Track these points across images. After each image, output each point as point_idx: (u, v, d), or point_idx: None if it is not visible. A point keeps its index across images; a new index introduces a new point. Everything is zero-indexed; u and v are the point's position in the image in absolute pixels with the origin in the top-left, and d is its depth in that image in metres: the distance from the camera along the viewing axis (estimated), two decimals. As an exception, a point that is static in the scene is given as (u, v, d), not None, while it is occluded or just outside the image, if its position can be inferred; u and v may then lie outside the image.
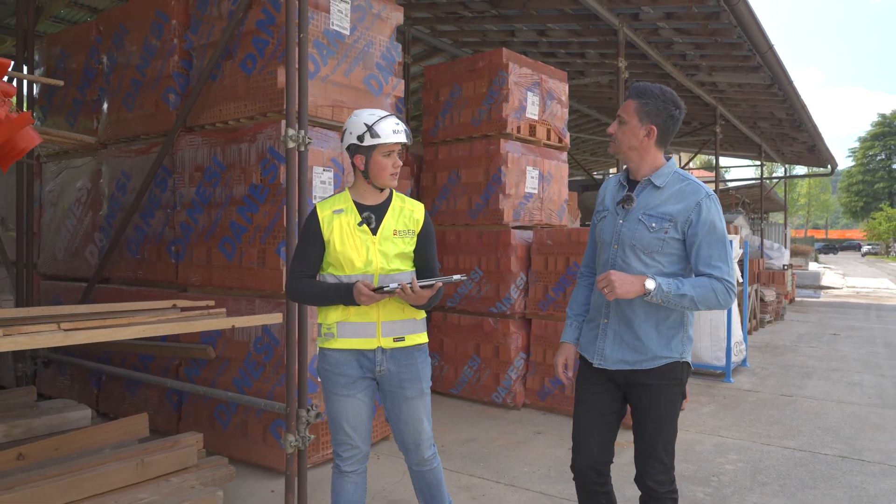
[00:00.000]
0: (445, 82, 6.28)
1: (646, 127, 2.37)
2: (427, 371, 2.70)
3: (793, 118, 12.22)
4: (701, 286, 2.27)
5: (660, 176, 2.39)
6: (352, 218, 2.58)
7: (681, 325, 2.43)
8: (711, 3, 6.61)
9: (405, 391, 2.61)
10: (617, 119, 2.44)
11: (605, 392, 2.50)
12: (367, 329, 2.57)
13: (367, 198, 2.63)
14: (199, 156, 4.46)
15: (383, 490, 3.89)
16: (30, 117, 2.37)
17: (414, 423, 2.64)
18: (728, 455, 4.64)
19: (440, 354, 6.26)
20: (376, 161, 2.54)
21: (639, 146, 2.39)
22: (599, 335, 2.48)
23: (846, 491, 3.98)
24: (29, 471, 3.06)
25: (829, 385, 6.96)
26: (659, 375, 2.39)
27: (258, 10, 4.08)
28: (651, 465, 2.41)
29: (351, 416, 2.62)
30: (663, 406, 2.40)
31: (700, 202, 2.32)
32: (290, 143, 3.46)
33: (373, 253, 2.55)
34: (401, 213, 2.65)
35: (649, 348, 2.38)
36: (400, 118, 2.66)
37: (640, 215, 2.37)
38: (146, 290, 4.93)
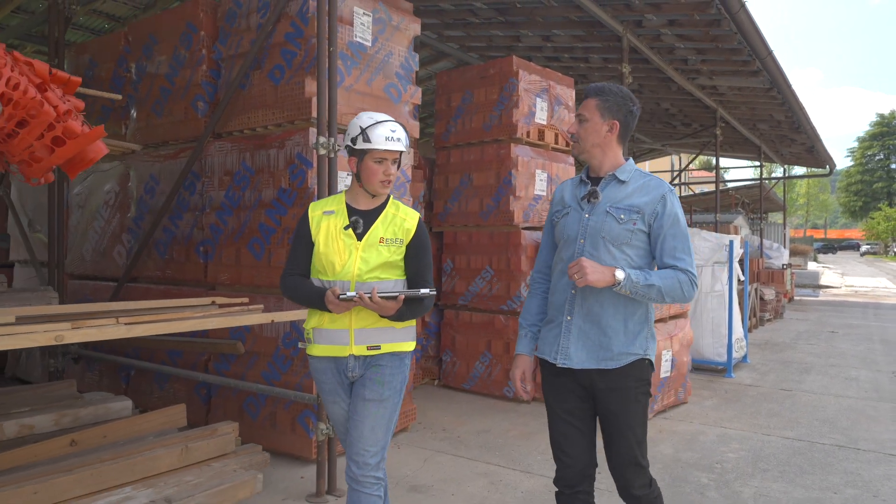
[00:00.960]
0: (457, 88, 6.52)
1: (608, 122, 2.40)
2: (396, 380, 2.56)
3: (791, 120, 12.46)
4: (667, 277, 2.29)
5: (624, 171, 2.43)
6: (340, 221, 2.54)
7: (645, 321, 2.42)
8: (713, 12, 6.84)
9: (364, 391, 2.52)
10: (577, 118, 2.47)
11: (571, 393, 2.44)
12: (340, 336, 2.51)
13: (360, 202, 2.58)
14: (228, 161, 4.70)
15: (406, 476, 4.12)
16: (102, 131, 2.61)
17: (362, 429, 2.49)
18: (730, 444, 4.87)
19: (452, 351, 6.50)
20: (367, 166, 2.49)
21: (602, 142, 2.42)
22: (562, 333, 2.42)
23: (842, 476, 4.22)
24: (82, 455, 3.29)
25: (826, 380, 7.20)
26: (626, 376, 2.36)
27: (287, 23, 4.32)
28: (633, 471, 2.37)
29: (339, 423, 2.61)
30: (633, 409, 2.37)
31: (665, 195, 2.37)
32: (322, 150, 3.71)
33: (354, 258, 2.48)
34: (392, 220, 2.57)
35: (615, 345, 2.35)
36: (401, 124, 2.57)
37: (608, 208, 2.37)
38: (174, 289, 5.16)
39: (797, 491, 3.96)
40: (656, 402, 5.60)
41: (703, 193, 21.97)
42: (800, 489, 3.99)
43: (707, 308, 7.52)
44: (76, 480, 2.97)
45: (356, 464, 2.49)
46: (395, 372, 2.56)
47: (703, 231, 7.70)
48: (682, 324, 6.17)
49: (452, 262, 6.57)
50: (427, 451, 4.60)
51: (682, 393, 6.06)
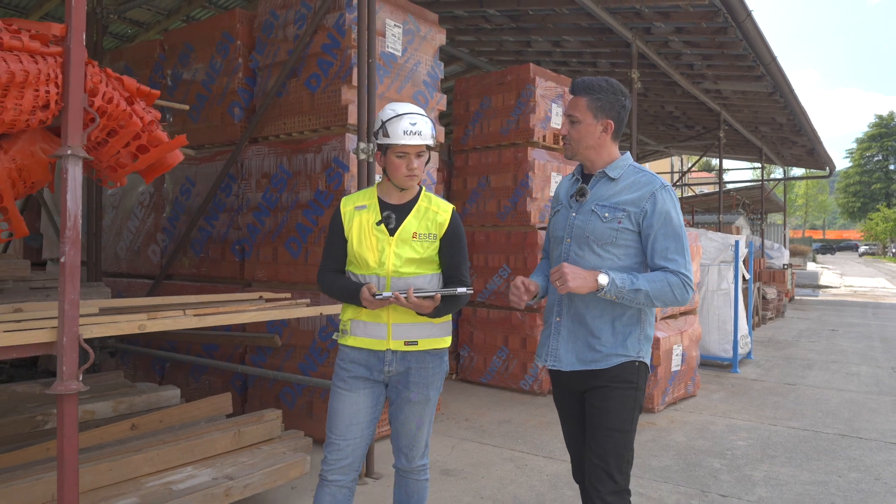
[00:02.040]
0: (475, 94, 6.79)
1: (602, 122, 2.29)
2: (438, 378, 2.58)
3: (793, 123, 12.74)
4: (656, 281, 2.17)
5: (615, 168, 2.31)
6: (372, 216, 2.50)
7: (637, 322, 2.31)
8: (720, 20, 7.11)
9: (410, 393, 2.51)
10: (567, 119, 2.34)
11: (571, 399, 2.40)
12: (377, 330, 2.49)
13: (391, 196, 2.54)
14: (265, 164, 4.96)
15: (436, 462, 4.38)
16: (184, 139, 2.87)
17: (410, 427, 2.55)
18: (739, 433, 5.14)
19: (470, 346, 6.76)
20: (390, 161, 2.45)
21: (596, 143, 2.31)
22: (552, 334, 2.37)
23: (846, 462, 4.49)
24: (143, 438, 3.55)
25: (828, 375, 7.47)
26: (611, 377, 2.26)
27: (324, 35, 4.58)
28: (601, 480, 2.21)
29: (346, 414, 2.51)
30: (615, 412, 2.23)
31: (655, 192, 2.23)
32: (362, 155, 3.97)
33: (387, 255, 2.45)
34: (425, 214, 2.52)
35: (604, 346, 2.26)
36: (425, 115, 2.51)
37: (593, 206, 2.28)
38: (209, 285, 5.42)
39: (804, 475, 4.23)
40: (667, 395, 5.87)
41: (705, 194, 22.24)
42: (806, 473, 4.26)
43: (714, 306, 7.79)
44: (145, 459, 3.23)
45: (406, 458, 2.58)
46: (436, 372, 2.57)
47: (709, 232, 7.97)
48: (692, 320, 6.44)
49: (470, 260, 6.83)
50: (453, 440, 4.86)
51: (692, 386, 6.33)
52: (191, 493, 3.07)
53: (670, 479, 4.12)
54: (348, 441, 2.50)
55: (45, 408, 3.72)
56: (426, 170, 5.15)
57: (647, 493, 3.87)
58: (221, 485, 3.16)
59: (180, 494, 3.05)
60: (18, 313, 2.82)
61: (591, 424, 2.28)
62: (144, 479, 3.19)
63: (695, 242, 6.61)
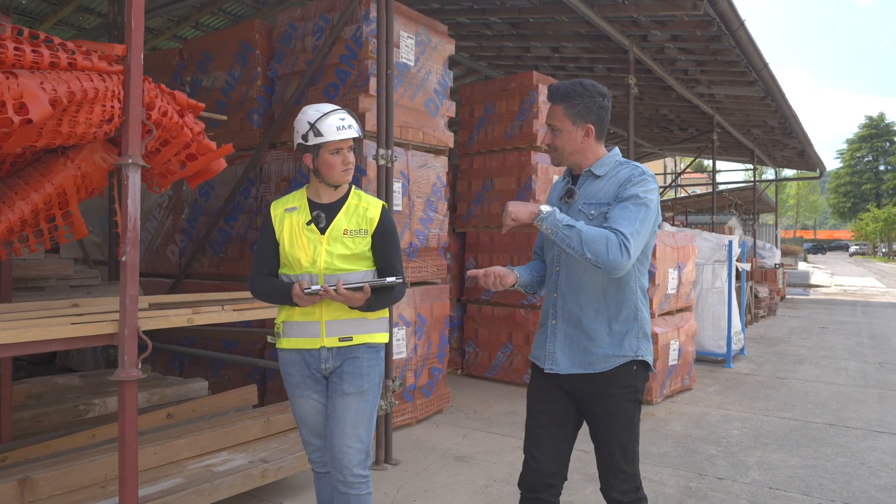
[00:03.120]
0: (479, 100, 7.06)
1: (582, 128, 2.29)
2: (373, 372, 2.54)
3: (784, 126, 13.07)
4: (595, 230, 2.13)
5: (601, 165, 2.33)
6: (302, 216, 2.52)
7: (634, 320, 2.30)
8: (714, 29, 7.40)
9: (343, 385, 2.48)
10: (548, 129, 2.36)
11: (557, 401, 2.36)
12: (310, 328, 2.50)
13: (321, 196, 2.56)
14: (284, 168, 5.21)
15: (450, 449, 4.65)
16: (230, 148, 3.12)
17: (343, 425, 2.45)
18: (733, 423, 5.43)
19: (475, 342, 7.03)
20: (324, 160, 2.47)
21: (580, 148, 2.32)
22: (549, 338, 2.36)
23: (833, 448, 4.79)
24: (179, 426, 3.80)
25: (818, 370, 7.78)
26: (610, 382, 2.26)
27: (342, 46, 4.84)
28: (613, 475, 2.30)
29: (307, 417, 2.56)
30: (617, 417, 2.27)
31: (629, 179, 2.24)
32: (381, 161, 4.23)
33: (319, 252, 2.47)
34: (355, 211, 2.55)
35: (600, 348, 2.26)
36: (348, 111, 2.54)
37: (581, 206, 2.31)
38: (228, 284, 5.66)
39: (794, 460, 4.52)
40: (665, 388, 6.16)
41: (697, 195, 22.59)
42: (797, 458, 4.55)
43: (708, 303, 8.09)
44: (186, 444, 3.48)
45: (340, 463, 2.46)
46: (371, 364, 2.54)
47: (703, 232, 8.27)
48: (688, 316, 6.73)
49: (475, 260, 7.10)
50: (464, 429, 5.13)
51: (688, 380, 6.62)
52: (230, 474, 3.33)
53: (670, 464, 4.40)
54: (323, 439, 2.55)
55: (85, 398, 3.97)
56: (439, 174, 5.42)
57: (650, 476, 4.15)
58: (258, 467, 3.42)
59: (221, 476, 3.30)
60: (76, 308, 3.06)
61: (595, 430, 2.32)
62: (185, 462, 3.45)
63: (690, 243, 6.89)
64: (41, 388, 3.96)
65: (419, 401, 5.25)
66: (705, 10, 6.84)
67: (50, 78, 2.34)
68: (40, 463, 3.07)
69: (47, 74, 2.34)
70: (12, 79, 2.21)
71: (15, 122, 2.20)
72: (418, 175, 5.19)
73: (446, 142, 5.50)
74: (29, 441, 3.39)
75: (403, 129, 5.02)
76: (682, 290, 6.66)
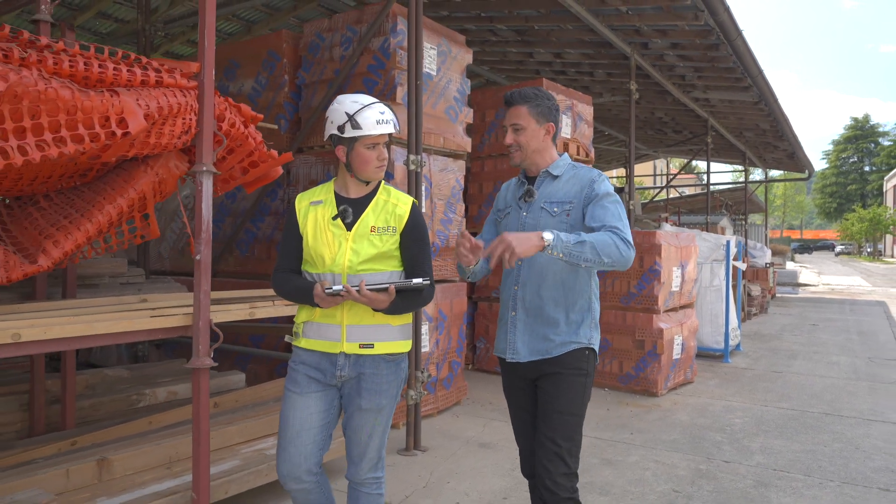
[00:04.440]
0: (491, 105, 7.35)
1: (544, 126, 2.47)
2: (393, 386, 2.45)
3: (776, 129, 13.48)
4: (599, 237, 2.20)
5: (557, 167, 2.49)
6: (328, 211, 2.41)
7: (588, 310, 2.44)
8: (713, 38, 7.74)
9: (361, 400, 2.40)
10: (511, 128, 2.48)
11: (524, 389, 2.50)
12: (331, 331, 2.39)
13: (349, 190, 2.45)
14: (312, 171, 5.47)
15: (472, 437, 4.93)
16: (290, 156, 3.38)
17: (362, 436, 2.43)
18: (735, 413, 5.76)
19: (486, 338, 7.32)
20: (359, 153, 2.35)
21: (541, 146, 2.48)
22: (509, 329, 2.46)
23: (830, 435, 5.12)
24: (225, 414, 4.05)
25: (811, 364, 8.13)
26: (562, 363, 2.37)
27: (369, 56, 5.11)
28: (550, 460, 2.30)
29: (298, 416, 2.40)
30: (566, 395, 2.35)
31: (593, 179, 2.40)
32: (412, 166, 4.51)
33: (343, 250, 2.35)
34: (384, 207, 2.43)
35: (559, 335, 2.38)
36: (387, 105, 2.44)
37: (543, 203, 2.43)
38: (255, 282, 5.90)
39: (794, 445, 4.85)
40: (669, 381, 6.48)
41: (689, 196, 23.02)
42: (796, 444, 4.88)
43: (706, 301, 8.43)
44: (238, 430, 3.74)
45: (356, 468, 2.47)
46: (391, 380, 2.43)
47: (702, 232, 8.61)
48: (690, 313, 7.06)
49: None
50: (483, 419, 5.41)
51: (690, 373, 6.94)
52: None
53: (680, 449, 4.72)
54: (298, 448, 2.38)
55: (136, 389, 4.21)
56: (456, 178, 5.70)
57: (662, 460, 4.46)
58: (307, 450, 3.69)
59: (272, 458, 3.57)
60: (145, 303, 3.32)
61: (543, 409, 2.39)
62: (238, 446, 3.71)
63: (692, 243, 7.22)
64: (94, 380, 4.20)
65: (440, 392, 5.54)
66: (706, 21, 7.17)
67: (143, 94, 2.60)
68: (110, 446, 3.33)
69: (140, 91, 2.60)
70: (115, 96, 2.47)
71: (118, 135, 2.46)
72: (439, 178, 5.48)
73: (465, 147, 5.79)
74: (91, 427, 3.63)
75: (426, 135, 5.29)
76: (685, 288, 6.99)
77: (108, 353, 7.25)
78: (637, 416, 5.61)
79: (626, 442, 4.88)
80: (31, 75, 2.20)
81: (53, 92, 2.26)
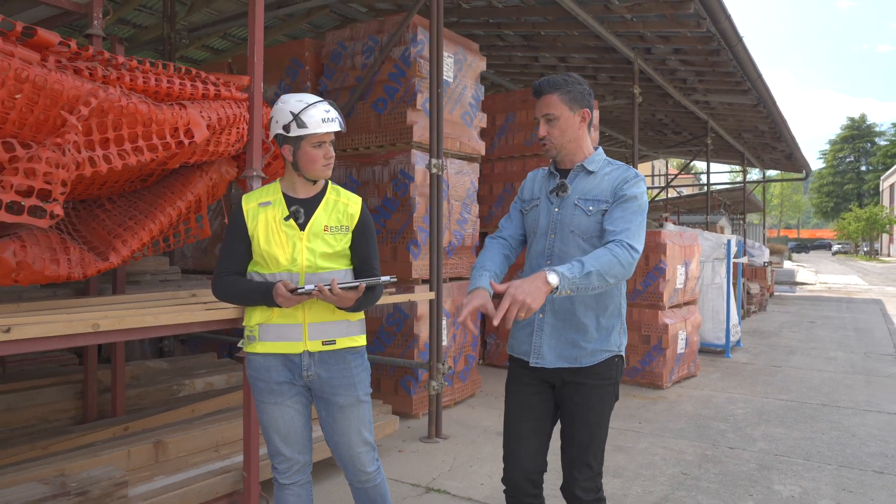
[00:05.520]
0: (500, 109, 7.62)
1: (579, 113, 2.30)
2: (364, 377, 2.47)
3: (774, 131, 13.78)
4: (601, 257, 2.08)
5: (592, 161, 2.34)
6: (279, 212, 2.37)
7: (618, 315, 2.34)
8: (715, 44, 8.01)
9: (338, 398, 2.38)
10: (543, 120, 2.33)
11: (539, 394, 2.35)
12: (292, 332, 2.36)
13: (297, 190, 2.41)
14: (336, 174, 5.73)
15: (489, 427, 5.20)
16: (330, 162, 3.66)
17: (349, 435, 2.40)
18: (737, 404, 6.04)
19: (496, 334, 7.59)
20: (305, 152, 2.32)
21: (578, 135, 2.33)
22: (535, 331, 2.31)
23: (828, 423, 5.40)
24: (262, 403, 4.31)
25: (809, 359, 8.42)
26: (595, 374, 2.27)
27: (390, 65, 5.37)
28: (579, 470, 2.27)
29: (281, 425, 2.41)
30: (596, 407, 2.27)
31: (626, 178, 2.28)
32: (434, 170, 4.77)
33: (299, 250, 2.34)
34: (335, 206, 2.43)
35: (590, 342, 2.26)
36: (332, 104, 2.39)
37: (577, 200, 2.29)
38: (278, 280, 6.18)
39: (794, 433, 5.12)
40: (673, 374, 6.75)
41: (688, 196, 23.32)
42: (796, 432, 5.16)
43: (708, 298, 8.71)
44: (276, 417, 4.00)
45: (354, 470, 2.45)
46: (360, 370, 2.46)
47: (705, 232, 8.89)
48: (693, 309, 7.34)
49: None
50: (497, 411, 5.68)
51: (693, 367, 7.22)
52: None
53: (686, 436, 4.99)
54: (293, 446, 2.43)
55: (176, 380, 4.47)
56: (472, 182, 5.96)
57: (670, 446, 4.73)
58: (341, 435, 3.95)
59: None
60: (195, 297, 3.57)
61: (571, 421, 2.29)
62: (277, 432, 3.97)
63: (695, 242, 7.50)
64: (138, 371, 4.46)
65: (457, 385, 5.80)
66: (708, 28, 7.44)
67: (205, 107, 2.86)
68: (160, 431, 3.59)
69: (202, 104, 2.87)
70: (182, 109, 2.73)
71: (185, 144, 2.73)
72: (455, 180, 5.74)
73: (479, 150, 6.06)
74: (140, 415, 3.89)
75: (444, 140, 5.55)
76: (689, 285, 7.27)
77: (133, 347, 7.51)
78: (644, 406, 5.88)
79: (635, 430, 5.15)
80: (115, 92, 2.47)
81: (133, 107, 2.53)
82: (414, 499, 3.78)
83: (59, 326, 2.47)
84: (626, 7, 7.18)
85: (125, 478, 2.80)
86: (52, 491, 2.59)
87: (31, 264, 2.59)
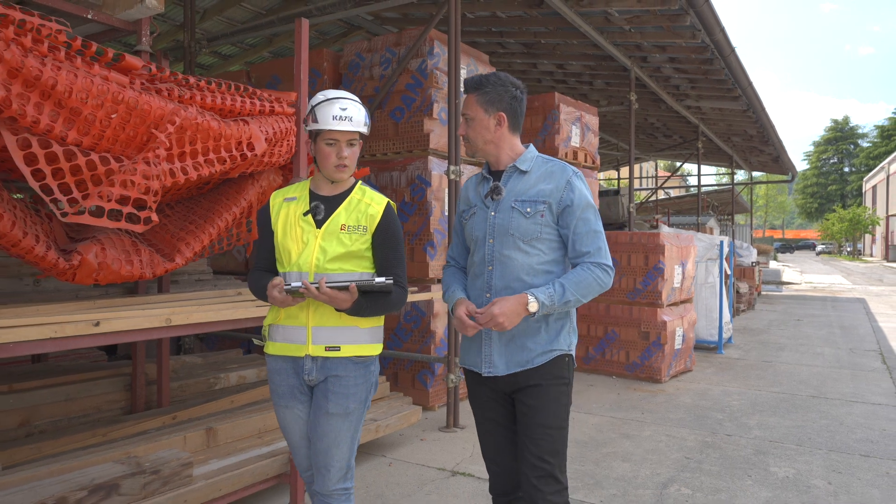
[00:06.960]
0: (505, 116, 7.94)
1: (494, 116, 2.24)
2: (361, 390, 2.34)
3: (762, 135, 14.22)
4: (581, 282, 2.13)
5: (524, 161, 2.27)
6: (300, 207, 2.34)
7: (567, 316, 2.29)
8: (708, 54, 8.39)
9: (328, 405, 2.29)
10: (462, 119, 2.31)
11: (499, 402, 2.32)
12: (296, 334, 2.30)
13: (322, 188, 2.38)
14: (354, 179, 6.02)
15: (502, 417, 5.51)
16: (367, 171, 3.95)
17: (327, 442, 2.30)
18: (732, 396, 6.40)
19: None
20: (320, 149, 2.30)
21: (493, 138, 2.26)
22: (483, 342, 2.27)
23: (817, 413, 5.77)
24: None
25: (798, 355, 8.82)
26: (546, 373, 2.22)
27: (408, 76, 5.68)
28: (540, 479, 2.17)
29: (290, 430, 2.39)
30: (548, 407, 2.20)
31: (570, 180, 2.21)
32: (452, 176, 5.09)
33: (311, 247, 2.27)
34: (356, 206, 2.34)
35: (539, 343, 2.22)
36: (357, 103, 2.32)
37: (513, 202, 2.22)
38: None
39: (787, 421, 5.49)
40: (671, 369, 7.11)
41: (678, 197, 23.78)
42: (788, 420, 5.52)
43: (702, 297, 9.09)
44: (311, 407, 4.29)
45: (322, 477, 2.34)
46: (359, 382, 2.33)
47: (698, 233, 9.26)
48: (689, 307, 7.71)
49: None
50: (508, 402, 6.00)
51: (689, 362, 7.59)
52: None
53: (686, 425, 5.34)
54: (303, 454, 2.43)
55: (212, 374, 4.75)
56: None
57: (672, 434, 5.08)
58: (373, 423, 4.26)
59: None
60: (240, 295, 3.86)
61: (525, 424, 2.23)
62: (312, 421, 4.26)
63: (691, 243, 7.86)
64: (177, 365, 4.74)
65: (469, 379, 6.11)
66: (702, 39, 7.81)
67: (262, 122, 3.16)
68: (207, 419, 3.87)
69: (260, 119, 3.17)
70: (245, 125, 3.03)
71: (248, 156, 3.02)
72: (468, 185, 6.05)
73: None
74: (185, 405, 4.17)
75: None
76: (685, 284, 7.63)
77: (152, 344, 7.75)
78: (645, 399, 6.23)
79: (638, 420, 5.49)
80: (192, 111, 2.76)
81: (206, 123, 2.82)
82: (442, 480, 4.09)
83: (139, 321, 2.76)
84: (625, 19, 7.54)
85: (190, 459, 3.09)
86: (130, 470, 2.88)
87: (110, 265, 2.87)
